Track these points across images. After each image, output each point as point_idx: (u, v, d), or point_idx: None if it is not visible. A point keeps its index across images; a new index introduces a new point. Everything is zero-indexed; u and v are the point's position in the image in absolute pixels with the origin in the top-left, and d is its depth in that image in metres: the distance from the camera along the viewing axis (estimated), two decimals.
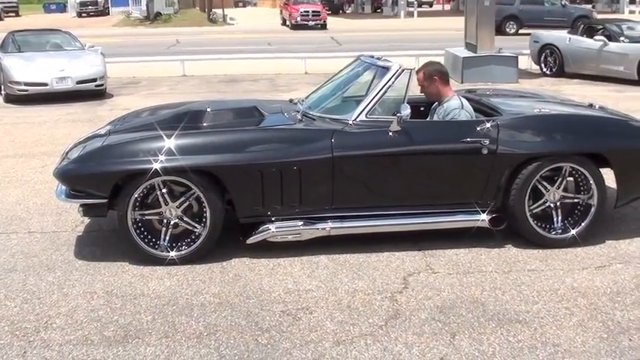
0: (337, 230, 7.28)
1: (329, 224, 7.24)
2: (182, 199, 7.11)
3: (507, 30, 40.12)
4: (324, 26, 50.90)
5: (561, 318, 5.92)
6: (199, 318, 5.99)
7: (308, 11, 51.26)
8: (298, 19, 50.71)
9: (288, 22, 53.62)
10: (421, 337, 5.61)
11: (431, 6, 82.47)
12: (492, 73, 19.83)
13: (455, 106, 7.68)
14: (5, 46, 19.90)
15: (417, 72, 7.97)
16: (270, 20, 58.58)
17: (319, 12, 51.81)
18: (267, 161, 7.06)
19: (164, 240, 7.17)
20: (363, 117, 7.31)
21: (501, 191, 7.38)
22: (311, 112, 7.75)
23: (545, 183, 7.43)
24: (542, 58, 22.22)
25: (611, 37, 20.23)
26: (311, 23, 50.82)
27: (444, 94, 7.83)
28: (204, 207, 7.06)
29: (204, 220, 7.11)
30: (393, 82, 7.40)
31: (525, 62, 23.13)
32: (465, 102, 7.77)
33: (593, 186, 7.42)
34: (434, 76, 7.83)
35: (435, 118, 7.87)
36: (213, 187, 7.04)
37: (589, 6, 55.65)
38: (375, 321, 5.90)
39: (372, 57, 8.29)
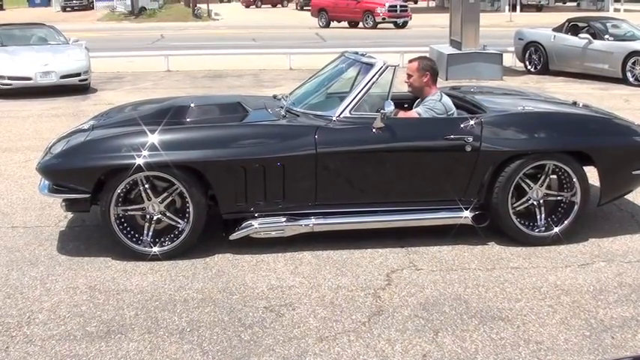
0: (320, 227, 7.28)
1: (312, 220, 7.24)
2: (165, 194, 7.09)
3: None
4: (405, 24, 42.79)
5: (544, 316, 5.93)
6: (182, 314, 5.98)
7: (396, 6, 42.52)
8: (384, 15, 41.90)
9: (367, 21, 42.67)
10: (404, 334, 5.62)
11: (416, 2, 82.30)
12: (477, 70, 19.88)
13: (432, 97, 7.68)
14: None
15: (411, 61, 7.97)
16: (266, 17, 58.22)
17: (406, 7, 43.78)
18: (250, 157, 7.06)
19: (147, 235, 7.15)
20: (346, 113, 7.31)
21: (484, 188, 7.39)
22: (295, 108, 7.74)
23: (528, 181, 7.44)
24: (526, 56, 22.24)
25: (596, 35, 20.26)
26: (399, 21, 42.42)
27: (428, 91, 7.81)
28: (187, 202, 7.04)
29: (187, 215, 7.10)
30: (377, 79, 7.40)
31: (510, 59, 23.17)
32: (446, 97, 7.76)
33: (577, 184, 7.43)
34: (427, 71, 7.81)
35: None
36: (197, 182, 7.02)
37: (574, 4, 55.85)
38: (358, 317, 5.90)
39: (357, 53, 8.29)
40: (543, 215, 7.54)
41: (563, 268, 6.94)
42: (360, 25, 43.35)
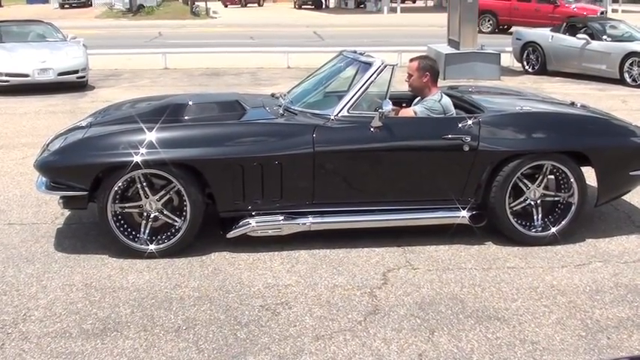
0: (318, 225, 7.27)
1: (310, 219, 7.23)
2: (162, 192, 7.08)
3: None
4: None
5: (540, 316, 5.93)
6: (178, 312, 5.98)
7: (604, 13, 38.56)
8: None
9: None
10: (400, 333, 5.62)
11: (414, 2, 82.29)
12: (475, 70, 19.87)
13: (432, 97, 7.68)
14: None
15: (412, 60, 7.96)
16: (264, 15, 58.07)
17: (605, 12, 39.89)
18: (248, 155, 7.05)
19: (144, 233, 7.14)
20: (344, 112, 7.30)
21: (482, 188, 7.38)
22: (293, 107, 7.73)
23: (525, 181, 7.44)
24: (524, 56, 22.23)
25: (594, 36, 20.27)
26: None
27: (428, 91, 7.80)
28: (185, 200, 7.04)
29: (184, 213, 7.09)
30: (375, 78, 7.39)
31: (508, 60, 23.16)
32: (446, 98, 7.75)
33: (574, 184, 7.43)
34: (427, 71, 7.81)
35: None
36: (194, 180, 7.01)
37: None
38: (354, 316, 5.90)
39: (355, 52, 8.28)
40: (540, 215, 7.54)
41: (560, 268, 6.94)
42: None
